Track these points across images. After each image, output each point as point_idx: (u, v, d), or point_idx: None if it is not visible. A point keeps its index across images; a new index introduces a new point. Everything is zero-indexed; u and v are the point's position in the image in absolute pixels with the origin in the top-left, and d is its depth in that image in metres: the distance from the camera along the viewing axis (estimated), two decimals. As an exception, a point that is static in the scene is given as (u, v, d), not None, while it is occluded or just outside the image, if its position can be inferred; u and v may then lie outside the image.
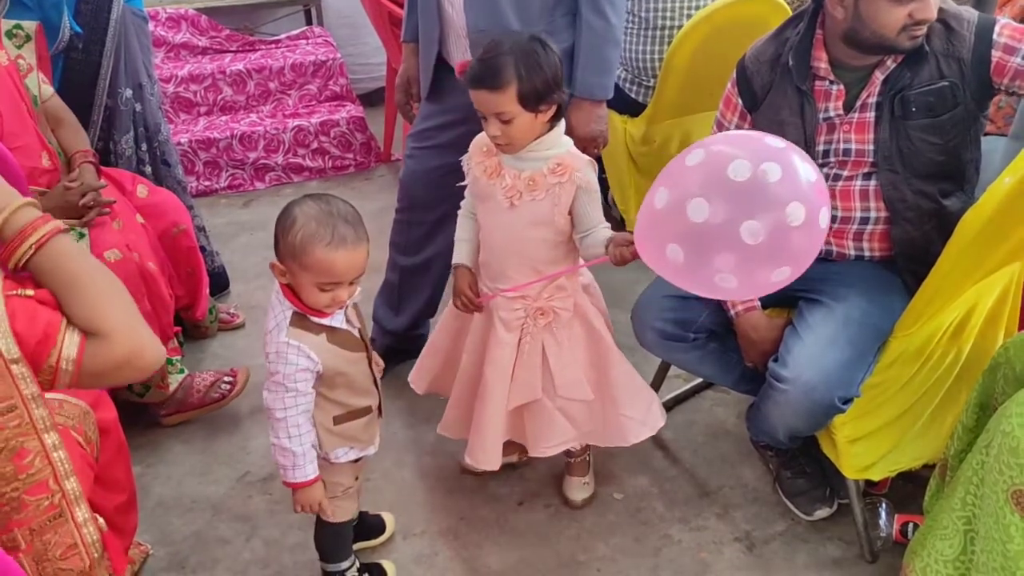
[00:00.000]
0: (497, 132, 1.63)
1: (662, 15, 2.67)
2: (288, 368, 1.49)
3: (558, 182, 1.67)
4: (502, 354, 1.79)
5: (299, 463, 1.55)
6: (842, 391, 1.65)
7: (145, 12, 2.57)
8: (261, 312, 2.79)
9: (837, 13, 1.63)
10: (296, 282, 1.49)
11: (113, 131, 2.46)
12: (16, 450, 1.04)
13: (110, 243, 2.05)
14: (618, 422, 1.86)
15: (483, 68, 1.60)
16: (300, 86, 3.97)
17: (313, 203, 1.48)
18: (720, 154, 1.35)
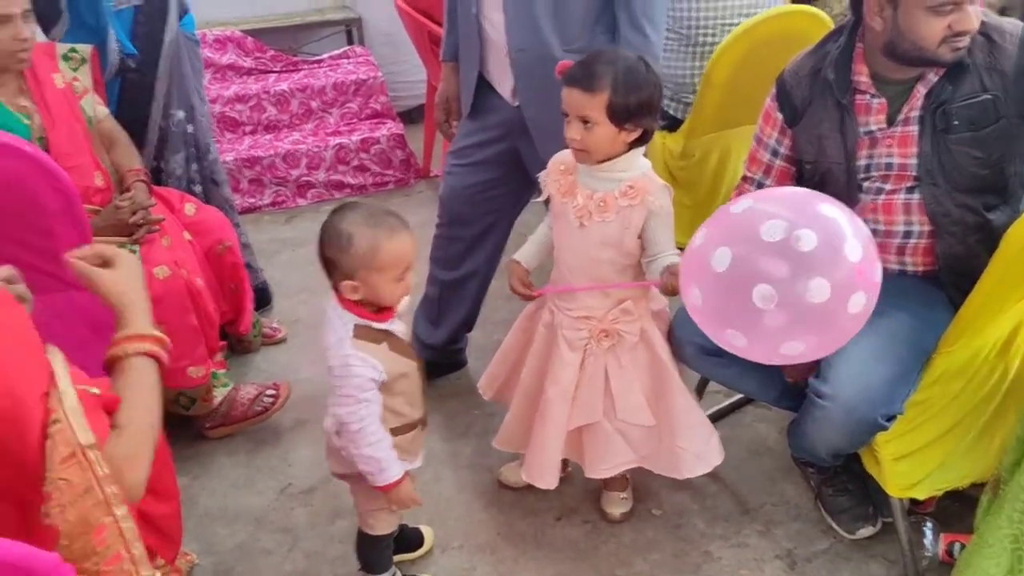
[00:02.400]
0: (577, 135, 1.65)
1: (701, 31, 2.67)
2: (356, 380, 1.52)
3: (629, 204, 1.69)
4: (565, 374, 1.80)
5: (384, 466, 1.58)
6: (885, 408, 1.63)
7: (196, 35, 2.64)
8: (303, 327, 2.83)
9: (876, 25, 1.62)
10: (372, 289, 1.52)
11: (165, 151, 2.53)
12: (95, 526, 1.08)
13: (159, 260, 2.10)
14: (674, 453, 1.85)
15: (583, 70, 1.65)
16: (342, 104, 4.04)
17: (350, 213, 1.53)
18: (761, 210, 1.34)
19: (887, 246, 1.76)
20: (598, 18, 1.99)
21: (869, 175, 1.74)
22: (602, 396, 1.82)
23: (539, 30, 1.97)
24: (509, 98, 2.12)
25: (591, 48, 1.93)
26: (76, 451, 1.07)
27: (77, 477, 1.06)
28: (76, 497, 1.06)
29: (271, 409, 2.34)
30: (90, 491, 1.07)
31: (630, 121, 1.64)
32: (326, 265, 1.55)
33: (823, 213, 1.35)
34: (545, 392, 1.84)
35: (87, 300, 1.96)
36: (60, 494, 1.05)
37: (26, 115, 2.05)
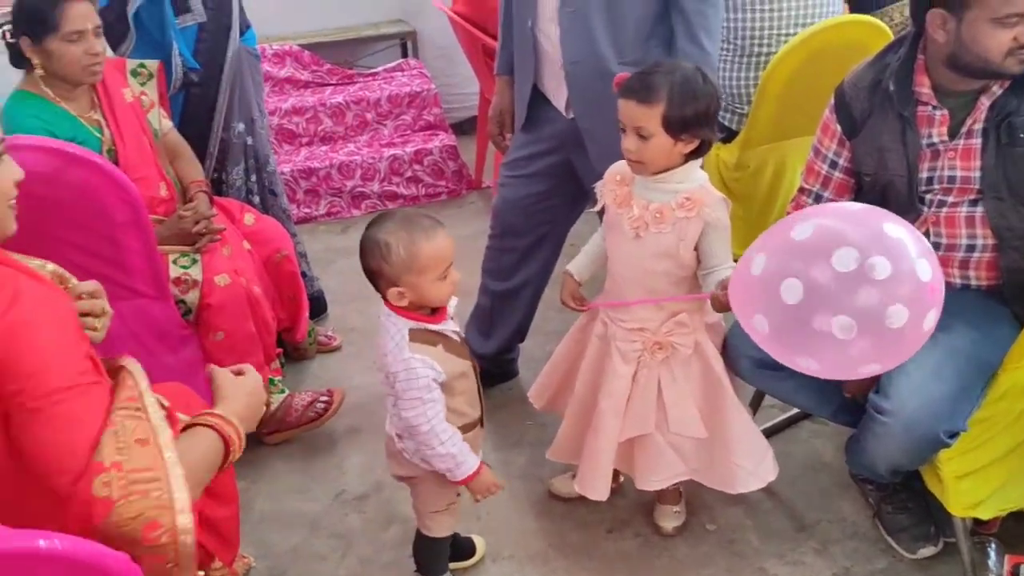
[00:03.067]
0: (632, 147, 1.66)
1: (757, 42, 2.64)
2: (421, 381, 1.55)
3: (686, 216, 1.68)
4: (618, 386, 1.80)
5: (459, 460, 1.61)
6: (947, 424, 1.60)
7: (257, 50, 2.71)
8: (358, 334, 2.87)
9: (939, 37, 1.60)
10: (418, 292, 1.55)
11: (226, 162, 2.59)
12: (149, 521, 1.07)
13: (220, 268, 2.15)
14: (728, 468, 1.83)
15: (639, 81, 1.65)
16: (396, 116, 4.09)
17: (384, 222, 1.56)
18: (828, 237, 1.34)
19: (949, 260, 1.73)
20: (653, 30, 1.99)
21: (931, 188, 1.71)
22: (654, 408, 1.81)
23: (594, 42, 1.98)
24: (563, 110, 2.13)
25: (646, 60, 1.93)
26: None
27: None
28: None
29: (324, 415, 2.37)
30: (156, 480, 1.10)
31: (686, 132, 1.64)
32: (371, 276, 1.58)
33: (890, 235, 1.34)
34: (598, 404, 1.83)
35: (153, 308, 2.05)
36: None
37: (97, 128, 2.12)
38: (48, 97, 2.06)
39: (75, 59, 2.02)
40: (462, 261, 1.59)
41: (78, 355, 1.15)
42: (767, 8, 2.60)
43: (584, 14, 1.96)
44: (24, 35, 2.01)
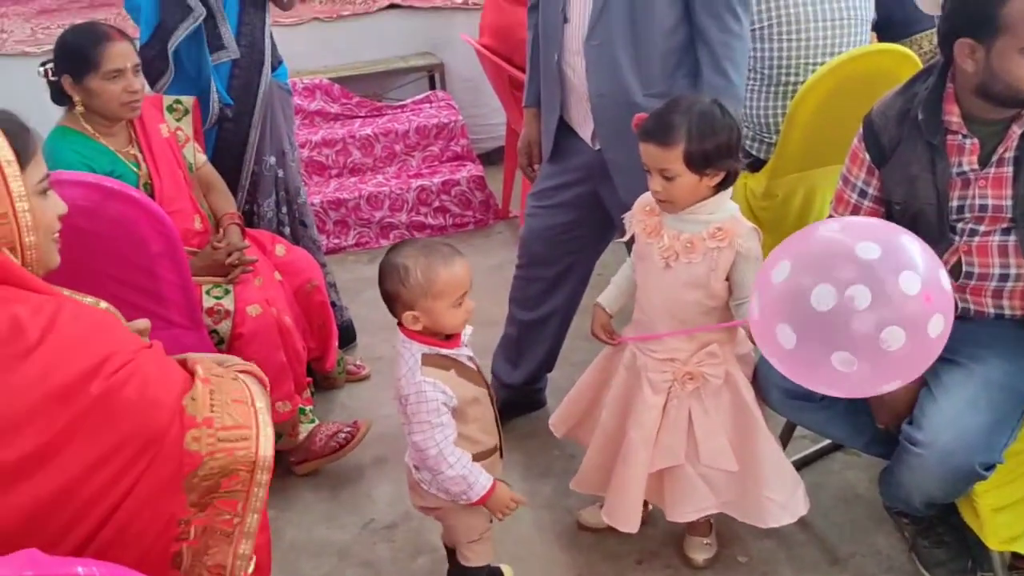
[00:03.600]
0: (659, 188, 1.67)
1: (784, 71, 2.65)
2: (430, 404, 1.56)
3: (717, 247, 1.68)
4: (649, 416, 1.79)
5: (471, 481, 1.61)
6: (983, 456, 1.57)
7: (289, 85, 2.76)
8: (386, 363, 2.88)
9: (968, 67, 1.59)
10: (432, 317, 1.57)
11: (257, 195, 2.64)
12: (230, 473, 1.16)
13: (252, 299, 2.18)
14: (759, 501, 1.81)
15: (656, 123, 1.66)
16: (424, 147, 4.13)
17: (403, 248, 1.60)
18: (803, 282, 1.36)
19: (982, 289, 1.72)
20: (679, 62, 2.01)
21: (962, 216, 1.70)
22: (685, 439, 1.80)
23: (620, 75, 2.00)
24: (590, 141, 2.14)
25: (672, 92, 1.95)
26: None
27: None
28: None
29: (346, 446, 2.37)
30: (246, 439, 1.17)
31: (710, 167, 1.64)
32: (388, 300, 1.61)
33: (863, 259, 1.33)
34: (627, 435, 1.83)
35: (187, 338, 2.08)
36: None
37: (135, 162, 2.18)
38: (88, 133, 2.12)
39: (114, 96, 2.08)
40: (489, 290, 1.61)
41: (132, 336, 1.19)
42: (794, 38, 2.61)
43: (610, 47, 1.99)
44: (66, 73, 2.07)
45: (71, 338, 1.10)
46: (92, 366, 1.09)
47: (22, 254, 1.16)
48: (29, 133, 1.19)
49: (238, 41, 2.48)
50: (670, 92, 1.97)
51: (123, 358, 1.12)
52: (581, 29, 2.02)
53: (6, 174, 1.11)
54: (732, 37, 1.95)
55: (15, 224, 1.14)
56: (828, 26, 2.60)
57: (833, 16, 2.59)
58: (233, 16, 2.46)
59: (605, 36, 1.99)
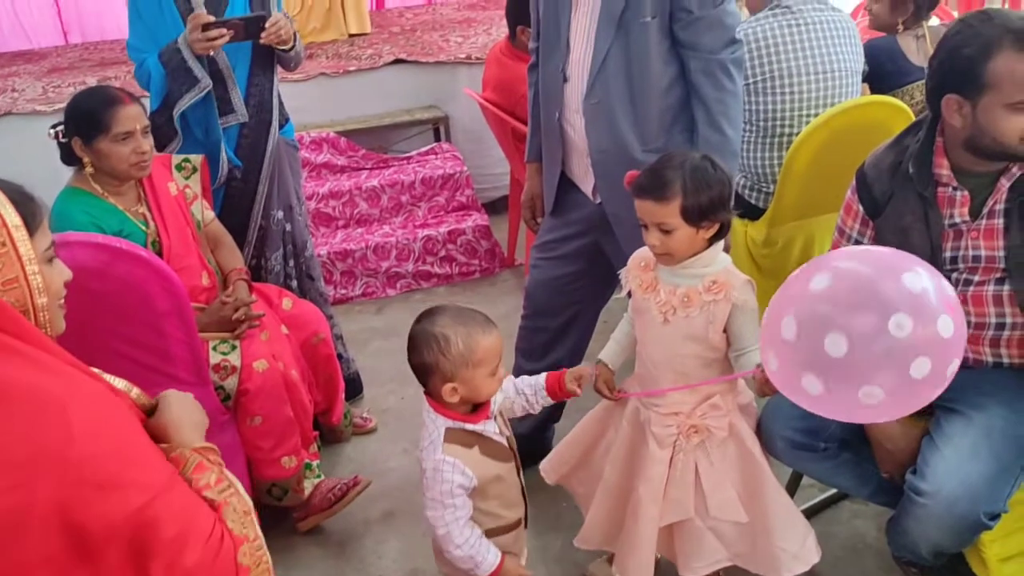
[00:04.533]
0: (656, 242, 1.69)
1: (780, 123, 2.70)
2: (444, 485, 1.55)
3: (713, 299, 1.70)
4: (656, 471, 1.79)
5: (478, 560, 1.60)
6: (988, 506, 1.57)
7: (296, 141, 2.82)
8: (393, 416, 2.90)
9: (955, 122, 1.63)
10: (471, 387, 1.56)
11: (265, 248, 2.67)
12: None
13: (258, 354, 2.20)
14: (770, 552, 1.80)
15: (651, 179, 1.68)
16: (429, 198, 4.19)
17: (438, 317, 1.58)
18: (815, 330, 1.38)
19: (978, 338, 1.73)
20: (676, 118, 2.05)
21: (956, 267, 1.71)
22: (693, 493, 1.80)
23: (619, 132, 2.04)
24: (591, 195, 2.18)
25: (670, 147, 1.99)
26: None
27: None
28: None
29: (342, 499, 2.35)
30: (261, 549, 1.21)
31: (706, 219, 1.67)
32: (423, 371, 1.59)
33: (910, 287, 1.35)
34: (636, 491, 1.82)
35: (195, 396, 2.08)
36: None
37: (143, 221, 2.22)
38: (97, 193, 2.16)
39: (124, 158, 2.12)
40: (498, 339, 1.61)
41: (156, 454, 1.19)
42: (787, 91, 2.66)
43: (608, 105, 2.03)
44: (76, 136, 2.12)
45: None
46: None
47: (35, 316, 1.18)
48: (35, 202, 1.22)
49: (247, 103, 2.54)
50: (668, 147, 2.01)
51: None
52: (580, 88, 2.07)
53: (15, 238, 1.14)
54: (726, 94, 2.00)
55: (27, 287, 1.16)
56: (820, 79, 2.65)
57: (825, 69, 2.65)
58: (243, 79, 2.53)
59: (603, 94, 2.03)
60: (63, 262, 1.26)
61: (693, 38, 1.98)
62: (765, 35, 2.66)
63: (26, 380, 1.08)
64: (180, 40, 2.37)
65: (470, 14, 6.08)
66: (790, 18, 2.67)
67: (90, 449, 1.07)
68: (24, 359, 1.09)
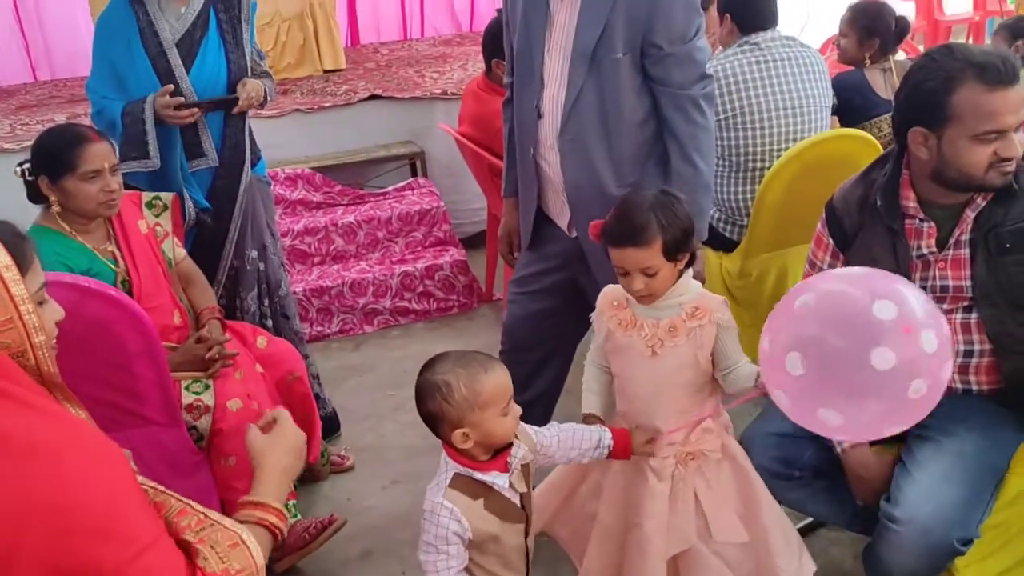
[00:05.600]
0: (641, 286, 1.68)
1: (751, 157, 2.74)
2: (439, 530, 1.49)
3: (698, 325, 1.70)
4: (660, 506, 1.76)
5: None
6: (960, 531, 1.58)
7: (268, 177, 2.81)
8: (371, 454, 2.87)
9: (921, 154, 1.66)
10: (483, 430, 1.51)
11: (239, 288, 2.66)
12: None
13: (232, 393, 2.18)
14: (772, 572, 1.78)
15: (627, 227, 1.66)
16: (406, 234, 4.19)
17: (438, 365, 1.53)
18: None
19: (948, 366, 1.74)
20: (650, 153, 2.07)
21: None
22: (694, 519, 1.78)
23: (593, 168, 2.06)
24: (567, 230, 2.20)
25: (644, 182, 2.01)
26: None
27: None
28: None
29: (317, 538, 2.32)
30: None
31: (681, 251, 1.68)
32: (431, 421, 1.54)
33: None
34: (639, 527, 1.76)
35: (166, 436, 2.07)
36: None
37: (112, 260, 2.20)
38: (64, 232, 2.14)
39: (91, 197, 2.11)
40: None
41: (145, 506, 1.17)
42: (758, 126, 2.70)
43: (582, 142, 2.05)
44: (42, 174, 2.10)
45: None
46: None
47: (34, 355, 1.16)
48: (27, 242, 1.21)
49: (222, 147, 2.54)
50: (643, 182, 2.03)
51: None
52: (554, 124, 2.09)
53: (6, 279, 1.12)
54: (698, 129, 2.03)
55: (22, 327, 1.14)
56: (790, 114, 2.70)
57: (794, 104, 2.70)
58: (217, 126, 2.54)
59: (578, 131, 2.05)
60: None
61: (664, 74, 2.01)
62: (735, 71, 2.71)
63: (20, 425, 1.06)
64: (147, 106, 2.38)
65: (446, 50, 6.15)
66: (759, 55, 2.73)
67: (81, 497, 1.05)
68: (18, 404, 1.08)
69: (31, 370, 1.16)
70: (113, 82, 2.46)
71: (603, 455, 1.73)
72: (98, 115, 2.48)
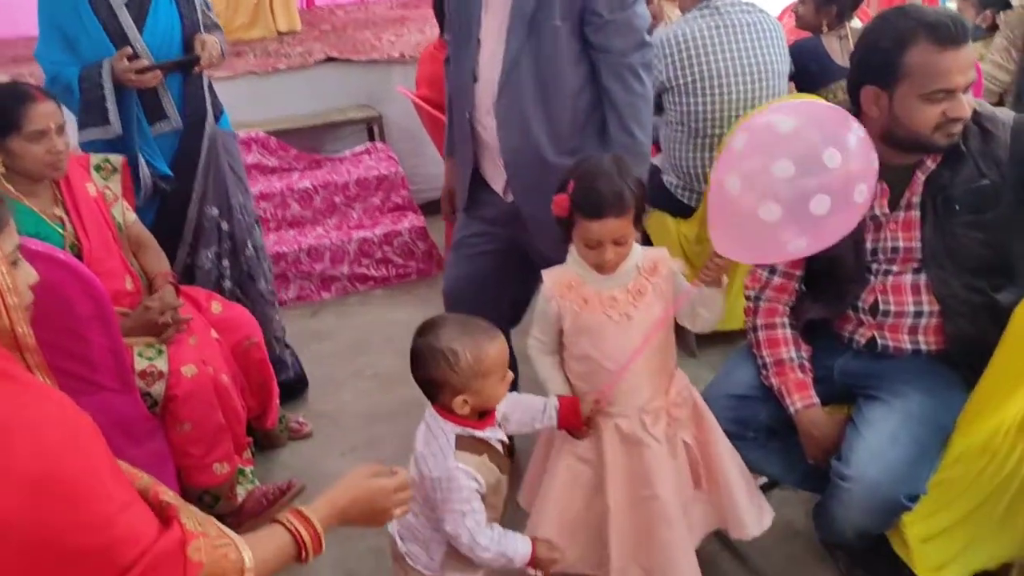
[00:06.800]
0: (612, 256, 1.66)
1: (709, 123, 2.75)
2: (462, 493, 1.51)
3: (660, 279, 1.72)
4: (669, 469, 1.76)
5: (510, 554, 1.57)
6: (907, 488, 1.62)
7: (234, 131, 2.77)
8: (328, 420, 2.86)
9: (873, 113, 1.68)
10: (482, 396, 1.52)
11: (198, 245, 2.62)
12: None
13: (187, 359, 2.15)
14: (738, 520, 1.84)
15: (604, 197, 1.62)
16: (364, 199, 4.14)
17: (442, 331, 1.53)
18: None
19: (899, 326, 1.78)
20: (588, 120, 2.05)
21: (876, 258, 1.77)
22: (687, 471, 1.82)
23: (530, 133, 2.03)
24: (502, 194, 2.17)
25: (582, 149, 2.00)
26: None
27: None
28: None
29: (273, 504, 2.33)
30: None
31: (642, 215, 1.69)
32: (431, 385, 1.54)
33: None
34: (658, 498, 1.74)
35: (118, 402, 2.03)
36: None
37: (60, 223, 2.14)
38: (10, 194, 2.07)
39: (37, 157, 2.05)
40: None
41: (119, 473, 1.15)
42: (716, 92, 2.71)
43: (519, 107, 2.01)
44: (-15, 134, 2.03)
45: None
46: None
47: (8, 317, 1.13)
48: (1, 204, 1.17)
49: (183, 106, 2.50)
50: (581, 149, 2.01)
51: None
52: (491, 89, 2.05)
53: None
54: (636, 98, 2.01)
55: None
56: (748, 79, 2.71)
57: (752, 70, 2.71)
58: (176, 87, 2.49)
59: (515, 96, 2.01)
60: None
61: (604, 41, 1.98)
62: (694, 35, 2.71)
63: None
64: (104, 70, 2.32)
65: (403, 12, 6.06)
66: (718, 19, 2.73)
67: (59, 468, 1.03)
68: None
69: (4, 332, 1.13)
70: (63, 45, 2.39)
71: (552, 420, 1.74)
72: (52, 82, 2.41)
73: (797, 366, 1.86)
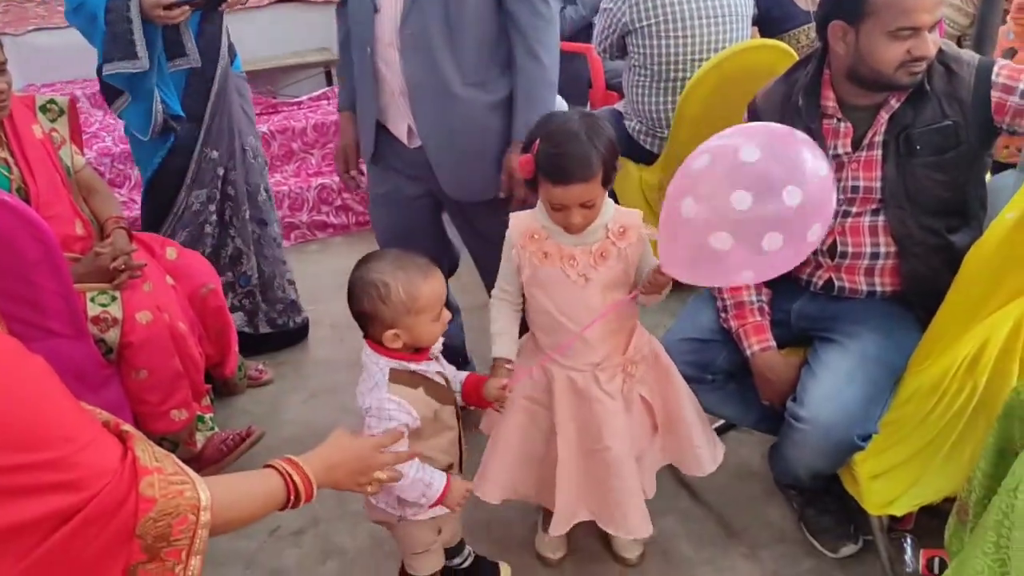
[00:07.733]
0: (579, 219, 1.61)
1: (672, 67, 2.73)
2: (391, 423, 1.50)
3: (628, 245, 1.68)
4: (622, 424, 1.75)
5: (428, 481, 1.56)
6: (860, 428, 1.66)
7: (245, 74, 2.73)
8: (289, 368, 2.85)
9: (839, 49, 1.68)
10: (413, 334, 1.52)
11: (193, 186, 2.57)
12: (180, 516, 1.14)
13: (141, 305, 2.11)
14: (695, 457, 1.87)
15: (571, 162, 1.56)
16: (323, 145, 4.07)
17: (376, 263, 1.52)
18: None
19: (855, 267, 1.81)
20: (494, 50, 1.98)
21: (837, 198, 1.77)
22: (647, 422, 1.84)
23: (436, 65, 1.95)
24: (405, 140, 2.10)
25: (488, 81, 1.96)
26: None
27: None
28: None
29: (234, 451, 2.32)
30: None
31: (613, 175, 1.63)
32: (362, 318, 1.54)
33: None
34: (610, 450, 1.74)
35: (71, 348, 1.99)
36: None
37: (4, 166, 2.06)
38: (-48, 135, 2.01)
39: (-22, 96, 1.97)
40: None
41: (79, 409, 1.14)
42: (679, 35, 2.69)
43: (424, 36, 1.93)
44: (-78, 73, 1.95)
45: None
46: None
47: None
48: None
49: (200, 44, 2.43)
50: (487, 81, 1.97)
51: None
52: (394, 18, 1.95)
53: None
54: (542, 20, 1.94)
55: None
56: (711, 23, 2.69)
57: (715, 13, 2.69)
58: (195, 22, 2.42)
59: (420, 24, 1.92)
60: None
61: None
62: (658, -23, 2.67)
63: None
64: (133, 2, 2.24)
65: (361, -46, 5.89)
66: (682, -38, 2.69)
67: (14, 411, 1.01)
68: None
69: None
70: None
71: (458, 391, 1.71)
72: (75, 10, 2.32)
73: (756, 308, 1.88)
